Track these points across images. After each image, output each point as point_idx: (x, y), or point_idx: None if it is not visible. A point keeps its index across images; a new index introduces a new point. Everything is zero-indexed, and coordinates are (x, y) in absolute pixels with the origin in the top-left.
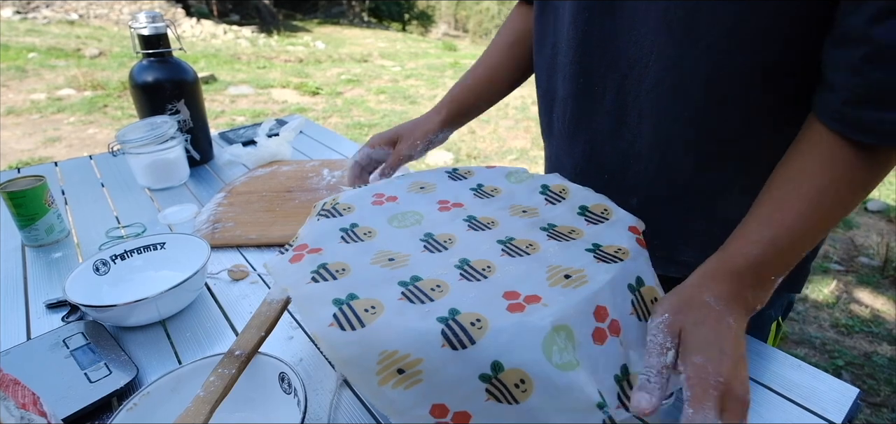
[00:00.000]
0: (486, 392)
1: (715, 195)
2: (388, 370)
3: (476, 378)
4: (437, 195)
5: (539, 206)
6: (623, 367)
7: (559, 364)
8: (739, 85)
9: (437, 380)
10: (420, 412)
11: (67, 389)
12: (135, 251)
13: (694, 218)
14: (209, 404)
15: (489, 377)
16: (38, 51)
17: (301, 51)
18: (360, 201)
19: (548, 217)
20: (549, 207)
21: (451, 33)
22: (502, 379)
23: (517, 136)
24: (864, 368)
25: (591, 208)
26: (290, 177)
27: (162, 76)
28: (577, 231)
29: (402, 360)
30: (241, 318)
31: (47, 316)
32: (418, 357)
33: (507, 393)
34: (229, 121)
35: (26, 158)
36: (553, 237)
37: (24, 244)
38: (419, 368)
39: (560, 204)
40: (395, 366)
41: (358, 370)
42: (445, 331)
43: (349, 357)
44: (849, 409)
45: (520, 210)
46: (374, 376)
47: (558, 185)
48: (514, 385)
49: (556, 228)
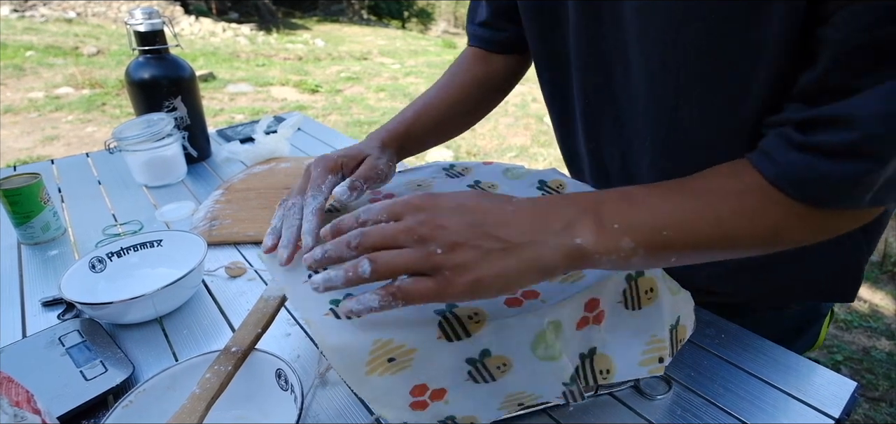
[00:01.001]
0: (467, 374)
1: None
2: (378, 358)
3: (463, 360)
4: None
5: None
6: (591, 348)
7: (542, 356)
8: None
9: (425, 366)
10: (401, 393)
11: (63, 387)
12: (131, 248)
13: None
14: (205, 401)
15: (475, 361)
16: (36, 49)
17: (300, 48)
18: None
19: None
20: None
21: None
22: (487, 363)
23: (517, 133)
24: (862, 363)
25: None
26: (288, 174)
27: (158, 73)
28: None
29: (397, 350)
30: (238, 315)
31: (43, 313)
32: (412, 346)
33: (487, 374)
34: (228, 119)
35: (24, 157)
36: None
37: (19, 242)
38: (412, 358)
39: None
40: (387, 355)
41: (347, 358)
42: (443, 324)
43: (340, 343)
44: (846, 403)
45: None
46: (363, 366)
47: (556, 180)
48: (496, 367)
49: None
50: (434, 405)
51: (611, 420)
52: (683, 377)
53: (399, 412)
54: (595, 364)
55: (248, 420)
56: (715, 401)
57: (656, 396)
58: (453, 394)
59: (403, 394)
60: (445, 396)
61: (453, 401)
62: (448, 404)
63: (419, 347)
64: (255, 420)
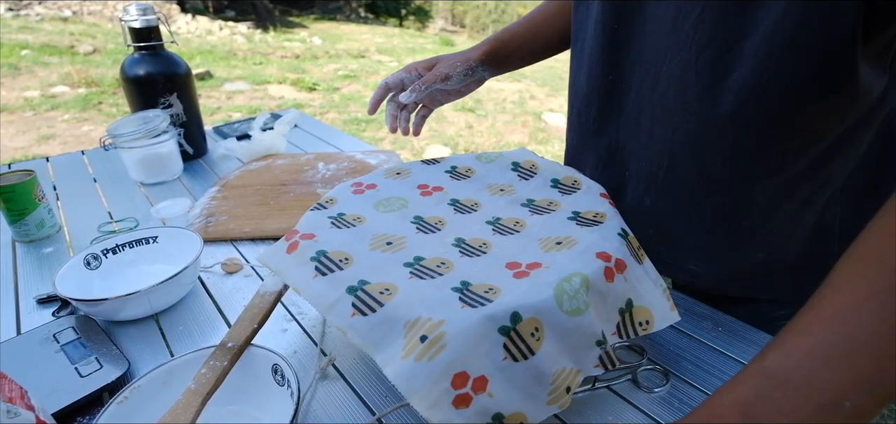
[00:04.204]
0: (504, 350)
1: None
2: (411, 340)
3: (495, 331)
4: (415, 179)
5: (514, 183)
6: (628, 301)
7: (569, 310)
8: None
9: (461, 341)
10: (443, 386)
11: (57, 384)
12: (126, 245)
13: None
14: (200, 396)
15: (508, 329)
16: (32, 48)
17: (298, 47)
18: (341, 194)
19: (525, 192)
20: (524, 183)
21: (448, 29)
22: (520, 330)
23: (515, 131)
24: None
25: (562, 180)
26: (285, 170)
27: (154, 69)
28: (555, 202)
29: (426, 324)
30: (234, 312)
31: (38, 311)
32: (441, 318)
33: (524, 346)
34: (226, 118)
35: (20, 156)
36: (535, 212)
37: (14, 239)
38: (442, 330)
39: (533, 179)
40: (418, 334)
41: (385, 352)
42: (463, 297)
43: (377, 339)
44: None
45: (497, 188)
46: (400, 350)
47: (528, 161)
48: (530, 334)
49: (536, 203)
50: (478, 399)
51: (610, 413)
52: (681, 370)
53: (444, 412)
54: (634, 316)
55: (244, 415)
56: (711, 393)
57: (654, 389)
58: (496, 383)
59: (445, 386)
60: (488, 387)
61: (497, 394)
62: (493, 398)
63: (447, 318)
64: (252, 415)
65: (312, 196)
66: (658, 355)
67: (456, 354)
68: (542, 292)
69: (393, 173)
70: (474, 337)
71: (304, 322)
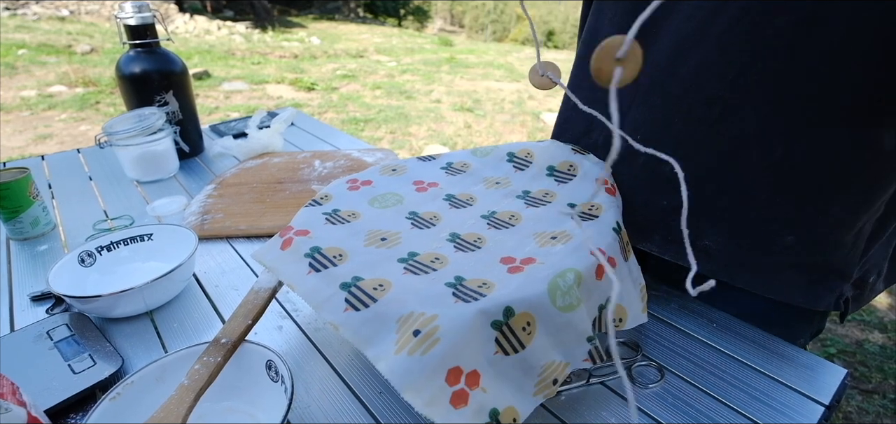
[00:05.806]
0: (496, 344)
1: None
2: (404, 335)
3: (488, 325)
4: (410, 176)
5: (509, 175)
6: (608, 298)
7: (561, 306)
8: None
9: (454, 335)
10: (437, 382)
11: (50, 380)
12: (121, 242)
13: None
14: (193, 392)
15: (500, 323)
16: (28, 47)
17: (296, 46)
18: (336, 190)
19: (520, 184)
20: (519, 174)
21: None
22: (512, 325)
23: (513, 130)
24: (856, 356)
25: (557, 167)
26: (281, 168)
27: (149, 67)
28: (551, 193)
29: (419, 319)
30: (229, 309)
31: (32, 308)
32: (434, 312)
33: (516, 340)
34: (224, 117)
35: (16, 155)
36: (531, 204)
37: (8, 237)
38: (436, 324)
39: (528, 168)
40: (411, 329)
41: (377, 347)
42: (457, 292)
43: (369, 334)
44: (837, 389)
45: (493, 182)
46: (393, 346)
47: (523, 150)
48: (521, 328)
49: (531, 194)
50: (474, 395)
51: (604, 410)
52: (675, 365)
53: (444, 411)
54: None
55: (237, 411)
56: (706, 389)
57: (648, 385)
58: (487, 378)
59: (440, 383)
60: (481, 382)
61: (490, 388)
62: (487, 393)
63: (439, 313)
64: (245, 411)
65: (308, 193)
66: (652, 351)
67: (449, 348)
68: (535, 287)
69: (388, 169)
70: (468, 331)
71: (298, 318)
